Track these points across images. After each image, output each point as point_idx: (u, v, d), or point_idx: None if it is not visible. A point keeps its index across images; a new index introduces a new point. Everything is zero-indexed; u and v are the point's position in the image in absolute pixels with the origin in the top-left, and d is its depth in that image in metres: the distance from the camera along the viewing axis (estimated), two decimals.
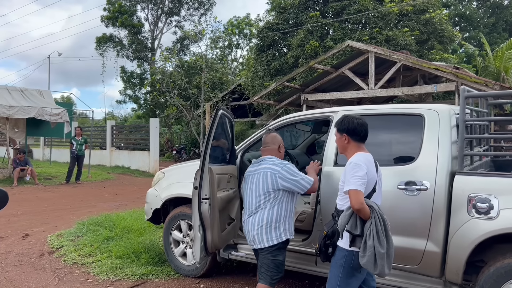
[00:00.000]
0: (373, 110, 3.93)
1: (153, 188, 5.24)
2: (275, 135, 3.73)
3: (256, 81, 17.57)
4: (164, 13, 31.54)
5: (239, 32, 33.15)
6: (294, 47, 15.83)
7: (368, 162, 2.91)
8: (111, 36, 30.71)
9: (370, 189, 2.90)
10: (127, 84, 32.47)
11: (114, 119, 38.89)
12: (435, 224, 3.34)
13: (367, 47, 9.41)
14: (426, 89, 8.97)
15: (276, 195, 3.45)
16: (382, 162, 3.38)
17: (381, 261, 2.65)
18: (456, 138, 3.52)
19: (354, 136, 3.02)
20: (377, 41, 14.07)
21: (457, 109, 3.73)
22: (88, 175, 14.96)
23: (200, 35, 25.62)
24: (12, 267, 4.99)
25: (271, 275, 3.41)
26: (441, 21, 15.81)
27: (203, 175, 3.57)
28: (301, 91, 11.11)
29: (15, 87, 14.57)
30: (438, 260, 3.35)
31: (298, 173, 3.48)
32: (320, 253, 3.06)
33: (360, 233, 2.75)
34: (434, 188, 3.35)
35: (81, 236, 6.11)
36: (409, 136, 3.74)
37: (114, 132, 20.20)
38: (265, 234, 3.41)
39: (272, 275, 3.41)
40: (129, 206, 9.05)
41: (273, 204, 3.45)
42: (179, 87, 20.68)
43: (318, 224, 3.94)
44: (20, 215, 8.14)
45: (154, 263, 5.02)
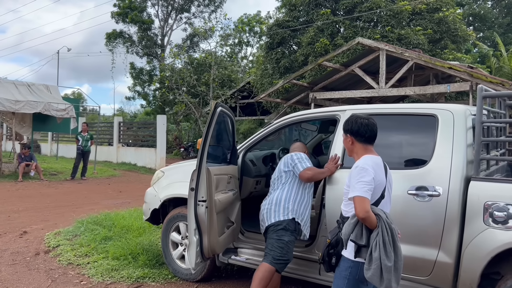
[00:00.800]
0: (382, 110, 3.69)
1: (152, 188, 5.05)
2: (302, 144, 3.94)
3: (265, 79, 17.36)
4: (174, 10, 31.43)
5: (249, 30, 32.95)
6: (304, 45, 15.58)
7: (376, 166, 2.68)
8: (121, 32, 30.67)
9: (378, 195, 2.67)
10: (136, 81, 32.39)
11: (124, 116, 39.04)
12: (448, 233, 3.10)
13: (378, 45, 9.14)
14: (439, 89, 8.68)
15: (287, 177, 3.60)
16: (391, 165, 3.14)
17: (388, 275, 2.42)
18: (472, 141, 3.27)
19: (358, 137, 2.79)
20: (389, 39, 13.77)
21: (473, 109, 3.48)
22: (93, 171, 14.87)
23: (210, 32, 25.46)
24: (6, 266, 4.84)
25: (273, 254, 3.34)
26: (455, 20, 15.45)
27: (200, 176, 3.37)
28: (310, 90, 10.86)
29: (22, 82, 14.53)
30: (450, 272, 3.11)
31: (302, 158, 3.61)
32: (324, 262, 2.84)
33: (365, 243, 2.53)
34: (447, 194, 3.11)
35: (78, 235, 5.95)
36: (421, 137, 3.50)
37: (121, 128, 20.11)
38: (273, 212, 3.50)
39: (274, 254, 3.33)
40: (132, 204, 8.89)
41: (284, 185, 3.58)
42: (188, 84, 20.57)
43: (322, 229, 3.72)
44: (21, 211, 8.02)
45: (151, 265, 4.83)
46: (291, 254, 3.47)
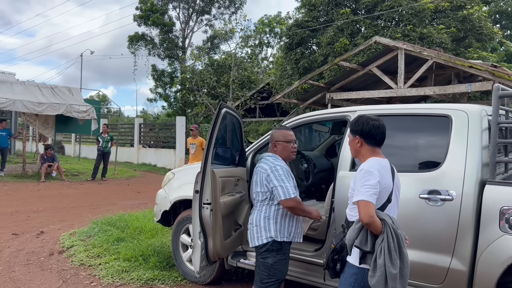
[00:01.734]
0: (393, 110, 3.57)
1: (163, 189, 5.04)
2: (272, 131, 3.44)
3: (284, 79, 17.24)
4: (195, 12, 31.61)
5: (269, 31, 32.87)
6: (324, 45, 15.39)
7: (382, 169, 2.57)
8: (143, 34, 31.01)
9: (384, 200, 2.56)
10: (158, 83, 32.70)
11: (146, 117, 39.53)
12: (461, 239, 2.96)
13: (396, 44, 8.93)
14: (460, 89, 8.41)
15: (263, 196, 3.20)
16: (402, 168, 3.04)
17: (393, 283, 2.31)
18: (487, 143, 3.12)
19: (368, 139, 2.67)
20: (410, 38, 13.46)
21: (489, 109, 3.32)
22: (114, 172, 15.06)
23: (230, 34, 25.49)
24: (20, 266, 4.90)
25: (260, 277, 3.16)
26: (480, 18, 14.99)
27: (205, 178, 3.32)
28: (327, 90, 10.71)
29: (45, 85, 14.85)
30: (464, 280, 2.97)
31: (283, 179, 3.11)
32: (328, 268, 2.74)
33: (370, 249, 2.43)
34: (461, 198, 2.98)
35: (92, 236, 5.99)
36: (434, 139, 3.36)
37: (142, 130, 20.34)
38: (255, 233, 3.20)
39: (261, 277, 3.15)
40: (148, 205, 8.93)
41: (263, 204, 3.22)
42: (208, 85, 20.63)
43: (332, 233, 3.62)
44: (41, 212, 8.16)
45: (162, 267, 4.82)
46: (281, 273, 3.19)
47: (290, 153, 3.33)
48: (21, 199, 9.50)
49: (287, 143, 3.29)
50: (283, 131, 3.38)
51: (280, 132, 3.36)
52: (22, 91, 13.28)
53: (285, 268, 3.25)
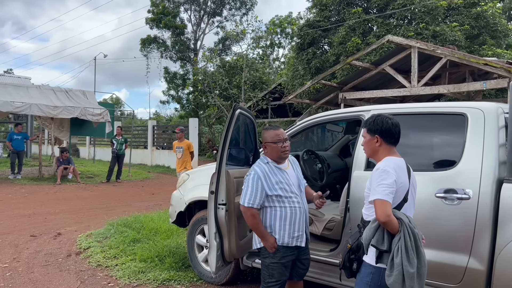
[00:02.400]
0: (408, 109, 3.55)
1: (178, 190, 5.08)
2: (262, 132, 3.30)
3: (296, 80, 17.23)
4: (207, 14, 31.77)
5: (281, 31, 32.87)
6: (335, 44, 15.35)
7: (399, 168, 2.56)
8: (155, 37, 31.28)
9: (400, 199, 2.55)
10: (170, 85, 32.95)
11: (160, 119, 39.82)
12: (479, 239, 2.93)
13: (409, 42, 8.87)
14: (474, 87, 8.31)
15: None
16: (418, 167, 3.02)
17: (410, 282, 2.30)
18: (504, 141, 3.09)
19: (387, 138, 2.66)
20: (423, 37, 13.36)
21: (506, 107, 3.29)
22: (128, 174, 15.20)
23: (241, 35, 25.57)
24: (38, 267, 4.98)
25: (263, 277, 3.16)
26: (494, 15, 14.80)
27: (220, 179, 3.34)
28: (339, 90, 10.68)
29: (60, 88, 15.08)
30: (483, 279, 2.94)
31: (247, 184, 3.07)
32: (344, 268, 2.74)
33: (387, 248, 2.42)
34: (477, 197, 2.95)
35: (109, 237, 6.06)
36: (450, 138, 3.34)
37: (155, 132, 20.50)
38: (256, 236, 3.19)
39: (264, 277, 3.15)
40: (163, 206, 9.01)
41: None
42: (220, 87, 20.73)
43: (347, 233, 3.62)
44: (57, 213, 8.28)
45: (177, 267, 4.86)
46: (280, 274, 3.10)
47: (280, 153, 3.14)
48: (38, 201, 9.66)
49: (274, 144, 3.13)
50: (270, 131, 3.20)
51: (268, 132, 3.20)
52: (38, 95, 13.51)
53: (284, 271, 3.13)
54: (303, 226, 3.18)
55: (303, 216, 3.17)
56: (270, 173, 3.11)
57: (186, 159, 9.15)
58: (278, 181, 3.10)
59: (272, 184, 3.08)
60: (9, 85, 13.87)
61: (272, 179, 3.09)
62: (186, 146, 9.19)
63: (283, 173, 3.17)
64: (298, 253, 3.20)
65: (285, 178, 3.15)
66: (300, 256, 3.22)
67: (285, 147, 3.15)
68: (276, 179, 3.11)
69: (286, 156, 3.21)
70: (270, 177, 3.09)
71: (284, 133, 3.21)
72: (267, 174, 3.10)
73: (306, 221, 3.22)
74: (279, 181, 3.11)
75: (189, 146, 9.28)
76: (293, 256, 3.16)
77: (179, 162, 9.20)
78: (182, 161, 9.15)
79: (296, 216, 3.12)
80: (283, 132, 3.21)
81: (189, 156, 9.22)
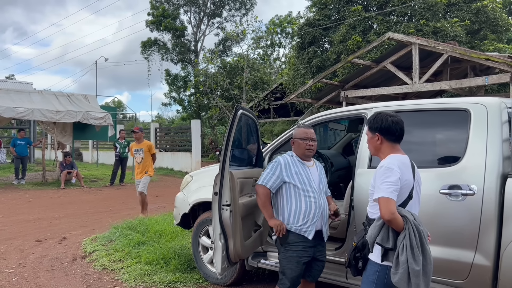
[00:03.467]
0: (411, 106, 3.54)
1: (182, 192, 5.09)
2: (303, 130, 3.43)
3: (297, 79, 17.22)
4: (206, 15, 31.75)
5: (281, 31, 32.85)
6: (336, 43, 15.33)
7: (403, 165, 2.55)
8: (156, 40, 31.26)
9: (405, 196, 2.54)
10: (172, 87, 32.94)
11: (162, 122, 39.86)
12: (484, 234, 2.93)
13: (409, 39, 8.85)
14: (476, 82, 8.29)
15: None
16: (422, 164, 3.01)
17: (416, 279, 2.30)
18: (508, 135, 3.08)
19: (388, 135, 2.66)
20: (424, 33, 13.32)
21: (508, 102, 3.28)
22: (132, 176, 15.19)
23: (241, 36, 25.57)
24: (44, 272, 4.99)
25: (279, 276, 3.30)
26: (495, 9, 14.75)
27: (223, 180, 3.34)
28: (341, 88, 10.66)
29: (62, 93, 15.13)
30: (489, 275, 2.93)
31: (268, 168, 3.30)
32: (350, 266, 2.74)
33: (392, 246, 2.42)
34: (482, 192, 2.94)
35: (113, 240, 6.07)
36: (453, 134, 3.33)
37: (157, 134, 20.52)
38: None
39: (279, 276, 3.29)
40: (167, 208, 9.02)
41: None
42: (221, 88, 20.73)
43: (352, 232, 3.62)
44: (62, 218, 8.30)
45: (183, 269, 4.86)
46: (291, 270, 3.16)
47: (304, 150, 3.31)
48: (42, 206, 9.68)
49: (301, 141, 3.31)
50: (301, 128, 3.41)
51: (298, 130, 3.41)
52: (40, 100, 13.55)
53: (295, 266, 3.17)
54: (317, 221, 3.24)
55: (318, 212, 3.24)
56: (291, 164, 3.29)
57: (147, 163, 8.00)
58: (298, 172, 3.26)
59: (292, 173, 3.24)
60: (11, 91, 13.92)
61: (292, 169, 3.26)
62: (146, 147, 8.01)
63: (305, 167, 3.32)
64: (314, 251, 3.26)
65: (305, 172, 3.29)
66: (316, 254, 3.28)
67: (310, 146, 3.31)
68: (296, 170, 3.26)
69: (310, 154, 3.35)
70: (291, 167, 3.27)
71: (313, 133, 3.38)
72: (288, 163, 3.28)
73: (323, 218, 3.29)
74: (299, 172, 3.26)
75: (150, 147, 8.11)
76: (305, 251, 3.19)
77: (139, 167, 8.01)
78: (143, 165, 7.97)
79: (311, 210, 3.21)
80: (312, 132, 3.38)
81: (150, 159, 8.09)
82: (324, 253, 3.38)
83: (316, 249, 3.28)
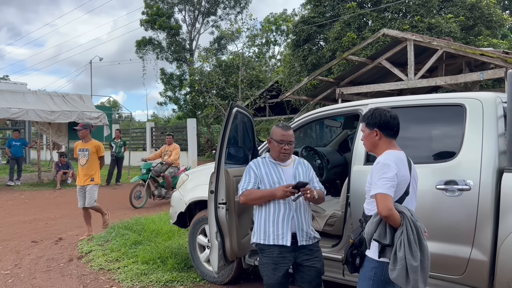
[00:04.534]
0: (406, 102, 3.53)
1: (178, 191, 5.06)
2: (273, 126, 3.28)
3: (293, 77, 17.22)
4: (201, 14, 31.72)
5: (276, 29, 32.83)
6: (331, 40, 15.33)
7: (399, 161, 2.54)
8: (150, 39, 31.21)
9: (402, 192, 2.53)
10: (167, 86, 32.93)
11: (158, 121, 39.76)
12: (481, 229, 2.92)
13: (404, 35, 8.85)
14: (472, 77, 8.30)
15: None
16: (418, 159, 3.00)
17: (414, 275, 2.29)
18: (503, 130, 3.07)
19: (386, 130, 2.64)
20: (419, 29, 13.35)
21: (504, 97, 3.27)
22: (128, 176, 15.16)
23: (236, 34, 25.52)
24: (40, 273, 4.96)
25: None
26: (489, 5, 14.81)
27: (219, 178, 3.32)
28: (336, 85, 10.66)
29: (57, 93, 15.04)
30: (486, 270, 2.93)
31: (244, 177, 3.15)
32: (347, 263, 2.73)
33: (390, 242, 2.41)
34: (478, 187, 2.94)
35: (110, 240, 6.05)
36: (449, 129, 3.33)
37: (153, 133, 20.47)
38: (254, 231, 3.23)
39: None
40: (164, 207, 9.00)
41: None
42: (217, 86, 20.70)
43: (348, 228, 3.61)
44: (58, 218, 8.26)
45: (180, 268, 4.84)
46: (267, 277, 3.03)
47: (278, 154, 3.12)
48: (38, 207, 9.63)
49: (276, 143, 3.11)
50: (278, 129, 3.16)
51: (275, 129, 3.18)
52: (35, 100, 13.47)
53: (271, 273, 3.01)
54: (288, 225, 3.02)
55: (289, 214, 3.04)
56: (262, 165, 3.16)
57: (93, 166, 6.52)
58: (268, 173, 3.12)
59: (261, 175, 3.12)
60: (5, 92, 13.81)
61: (262, 170, 3.13)
62: (93, 148, 6.51)
63: (277, 167, 3.16)
64: (296, 256, 3.04)
65: (276, 172, 3.13)
66: (300, 259, 3.05)
67: (285, 150, 3.11)
68: (267, 171, 3.13)
69: (285, 158, 3.16)
70: (261, 168, 3.14)
71: (291, 136, 3.14)
72: (258, 165, 3.16)
73: (296, 220, 3.05)
74: (269, 173, 3.12)
75: (98, 148, 6.56)
76: (282, 257, 3.00)
77: (83, 171, 6.53)
78: (87, 169, 6.50)
79: (279, 213, 3.04)
80: (290, 135, 3.14)
81: (97, 163, 6.59)
82: (313, 257, 3.08)
83: (299, 253, 3.05)
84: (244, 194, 3.06)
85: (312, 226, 3.22)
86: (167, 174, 9.61)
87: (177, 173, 9.72)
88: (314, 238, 3.13)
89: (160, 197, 9.79)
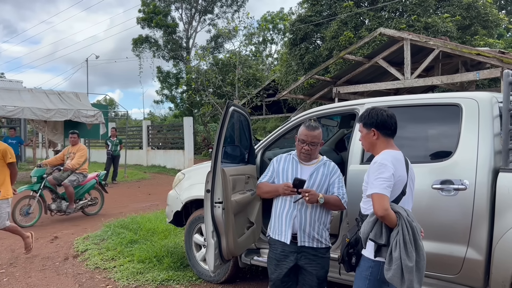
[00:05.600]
0: (402, 101, 3.53)
1: (174, 190, 5.05)
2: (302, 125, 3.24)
3: (290, 75, 17.20)
4: (198, 12, 31.61)
5: (273, 27, 32.80)
6: (328, 39, 15.32)
7: (396, 161, 2.54)
8: (147, 37, 31.07)
9: (398, 192, 2.53)
10: (164, 84, 32.79)
11: (154, 119, 39.65)
12: (476, 229, 2.93)
13: (401, 34, 8.86)
14: (468, 77, 8.32)
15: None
16: (414, 159, 3.01)
17: (409, 276, 2.30)
18: (499, 130, 3.08)
19: (384, 130, 2.64)
20: (415, 29, 13.35)
21: (500, 96, 3.28)
22: (124, 175, 15.14)
23: (233, 32, 25.48)
24: (36, 272, 4.95)
25: None
26: (485, 5, 14.84)
27: (215, 177, 3.31)
28: (333, 84, 10.67)
29: (53, 91, 14.95)
30: (481, 269, 2.94)
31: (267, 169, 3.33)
32: (343, 262, 2.74)
33: (385, 242, 2.41)
34: (474, 187, 2.95)
35: (106, 239, 6.03)
36: (444, 129, 3.33)
37: (150, 132, 20.42)
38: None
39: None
40: (160, 206, 8.98)
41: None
42: (213, 85, 20.67)
43: (344, 228, 3.62)
44: (53, 217, 8.21)
45: (176, 267, 4.84)
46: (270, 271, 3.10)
47: (299, 153, 3.13)
48: None
49: (299, 141, 3.12)
50: (304, 128, 3.12)
51: (301, 128, 3.15)
52: (30, 98, 13.39)
53: (273, 268, 3.06)
54: (290, 223, 3.01)
55: (292, 213, 3.02)
56: (283, 161, 3.24)
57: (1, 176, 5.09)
58: (285, 169, 3.18)
59: (278, 170, 3.22)
60: (0, 89, 13.72)
61: (281, 165, 3.22)
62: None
63: (296, 164, 3.17)
64: (298, 258, 3.00)
65: (294, 169, 3.15)
66: (302, 262, 3.01)
67: (305, 150, 3.08)
68: (284, 167, 3.20)
69: (305, 158, 3.13)
70: (280, 163, 3.24)
71: (313, 137, 3.07)
72: (280, 160, 3.26)
73: (299, 220, 3.01)
74: (286, 169, 3.18)
75: (4, 153, 5.08)
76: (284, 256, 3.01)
77: None
78: None
79: (283, 210, 3.07)
80: (313, 135, 3.07)
81: (7, 172, 5.14)
82: (315, 262, 3.00)
83: (301, 256, 3.00)
84: (258, 186, 3.30)
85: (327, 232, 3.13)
86: (66, 183, 7.64)
87: (83, 182, 8.06)
88: (318, 242, 3.03)
89: (60, 212, 7.76)
